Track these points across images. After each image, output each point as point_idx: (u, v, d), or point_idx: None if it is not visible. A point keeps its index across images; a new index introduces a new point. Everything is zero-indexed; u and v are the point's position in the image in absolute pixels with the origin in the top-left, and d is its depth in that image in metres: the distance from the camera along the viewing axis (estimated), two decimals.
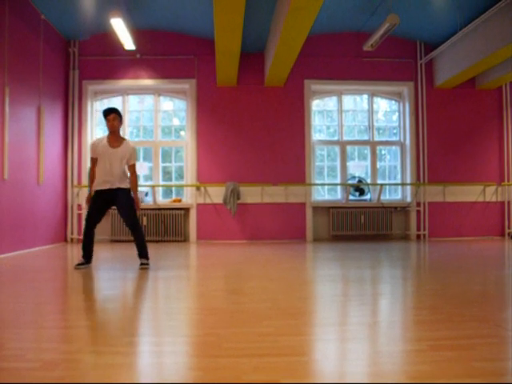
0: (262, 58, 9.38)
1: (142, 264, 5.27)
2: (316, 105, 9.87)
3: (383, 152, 10.14)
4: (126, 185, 5.32)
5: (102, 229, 8.44)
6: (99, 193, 5.27)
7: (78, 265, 5.29)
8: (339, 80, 9.59)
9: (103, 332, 2.75)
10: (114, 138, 5.34)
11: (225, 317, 3.03)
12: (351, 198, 9.64)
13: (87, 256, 5.34)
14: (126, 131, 9.40)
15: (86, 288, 4.31)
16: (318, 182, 9.74)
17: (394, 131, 10.04)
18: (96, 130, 9.48)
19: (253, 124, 9.38)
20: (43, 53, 7.99)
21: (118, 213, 5.45)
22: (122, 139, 5.39)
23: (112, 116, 5.26)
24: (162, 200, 9.45)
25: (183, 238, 9.19)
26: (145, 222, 9.05)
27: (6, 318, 3.04)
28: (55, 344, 2.47)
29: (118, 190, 5.26)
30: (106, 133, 5.49)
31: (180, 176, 9.63)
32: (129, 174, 5.40)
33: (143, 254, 5.32)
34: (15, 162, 6.96)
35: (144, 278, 4.74)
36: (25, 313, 3.18)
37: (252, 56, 9.30)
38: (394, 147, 10.00)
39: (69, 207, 9.14)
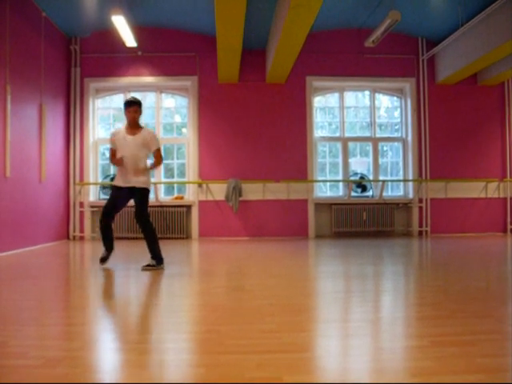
0: (264, 54, 9.36)
1: (145, 265, 4.97)
2: (318, 101, 9.85)
3: (385, 148, 10.12)
4: (144, 183, 5.08)
5: None
6: (119, 188, 5.11)
7: (102, 259, 5.16)
8: (341, 76, 9.56)
9: (106, 329, 2.75)
10: (133, 127, 5.13)
11: (227, 313, 3.03)
12: (353, 194, 9.63)
13: (107, 247, 5.17)
14: None
15: (89, 285, 4.32)
16: (320, 178, 9.73)
17: (396, 127, 10.01)
18: (98, 127, 9.47)
19: (254, 121, 9.37)
20: (44, 50, 7.99)
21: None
22: (140, 127, 5.16)
23: (134, 108, 5.04)
24: (164, 197, 9.45)
25: (185, 235, 9.19)
26: None
27: (8, 315, 3.04)
28: (58, 341, 2.48)
29: (138, 188, 5.05)
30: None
31: (182, 173, 9.63)
32: (149, 164, 5.18)
33: (151, 253, 5.02)
34: (17, 159, 6.97)
35: (146, 275, 4.75)
36: (27, 310, 3.19)
37: (253, 53, 9.28)
38: (395, 143, 9.98)
39: (71, 205, 9.15)
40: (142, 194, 5.05)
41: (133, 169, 5.03)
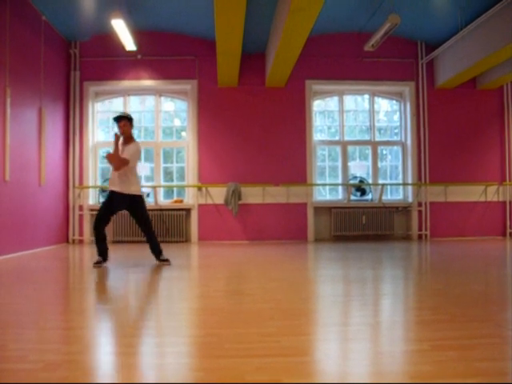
0: (263, 58, 9.38)
1: (160, 260, 5.72)
2: (317, 105, 9.87)
3: (384, 152, 10.13)
4: (137, 191, 5.59)
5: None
6: (113, 193, 5.51)
7: (95, 263, 5.49)
8: (340, 80, 9.59)
9: (105, 333, 2.75)
10: (125, 139, 5.62)
11: (227, 317, 3.03)
12: (353, 198, 9.63)
13: (102, 254, 5.53)
14: None
15: (88, 289, 4.32)
16: (319, 182, 9.74)
17: (395, 131, 10.03)
18: (97, 130, 9.48)
19: (254, 124, 9.38)
20: (44, 54, 8.00)
21: (131, 217, 5.90)
22: (132, 140, 5.64)
23: (122, 123, 5.53)
24: (163, 201, 9.45)
25: (185, 239, 9.19)
26: None
27: (8, 318, 3.04)
28: (57, 345, 2.48)
29: (133, 197, 5.52)
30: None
31: (181, 177, 9.63)
32: (136, 177, 5.69)
33: (156, 252, 5.72)
34: (17, 163, 6.97)
35: (146, 278, 4.74)
36: (27, 314, 3.18)
37: (253, 56, 9.30)
38: (395, 147, 9.99)
39: (70, 208, 9.15)
40: (142, 201, 5.64)
41: (129, 176, 5.50)
